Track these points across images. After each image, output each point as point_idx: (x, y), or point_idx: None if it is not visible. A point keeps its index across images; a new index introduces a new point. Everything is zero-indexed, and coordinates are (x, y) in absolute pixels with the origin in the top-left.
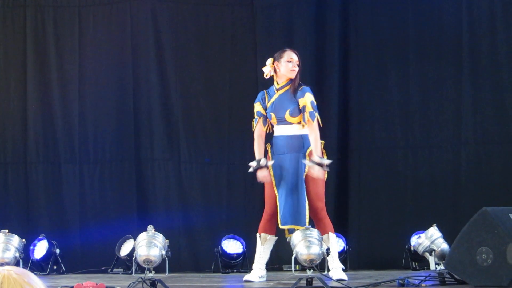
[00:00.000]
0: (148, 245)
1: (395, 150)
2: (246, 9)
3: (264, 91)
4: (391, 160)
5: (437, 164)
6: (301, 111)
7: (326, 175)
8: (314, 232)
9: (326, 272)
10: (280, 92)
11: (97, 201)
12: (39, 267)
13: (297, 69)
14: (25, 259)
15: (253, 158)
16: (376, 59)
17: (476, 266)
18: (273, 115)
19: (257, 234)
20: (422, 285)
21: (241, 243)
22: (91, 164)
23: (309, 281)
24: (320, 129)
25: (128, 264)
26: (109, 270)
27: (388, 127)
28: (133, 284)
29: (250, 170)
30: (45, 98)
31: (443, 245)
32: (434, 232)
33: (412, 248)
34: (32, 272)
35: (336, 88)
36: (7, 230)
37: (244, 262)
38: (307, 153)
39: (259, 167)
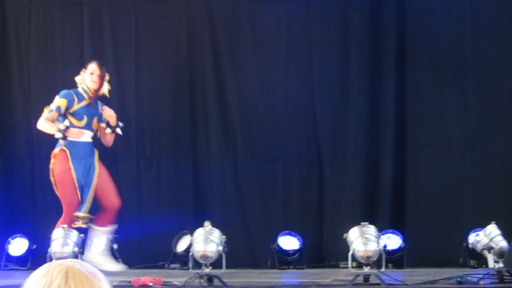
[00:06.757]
0: (205, 240)
1: (452, 147)
2: (301, 6)
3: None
4: (448, 157)
5: (495, 161)
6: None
7: None
8: (371, 229)
9: (383, 269)
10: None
11: (154, 197)
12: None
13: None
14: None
15: (307, 154)
16: (431, 48)
17: None
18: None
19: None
20: (481, 283)
21: (298, 239)
22: (148, 160)
23: (366, 278)
24: (378, 128)
25: (185, 259)
26: (166, 265)
27: (445, 124)
28: (190, 280)
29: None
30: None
31: (502, 243)
32: (493, 229)
33: (470, 246)
34: None
35: (393, 87)
36: (66, 225)
37: (301, 258)
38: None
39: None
